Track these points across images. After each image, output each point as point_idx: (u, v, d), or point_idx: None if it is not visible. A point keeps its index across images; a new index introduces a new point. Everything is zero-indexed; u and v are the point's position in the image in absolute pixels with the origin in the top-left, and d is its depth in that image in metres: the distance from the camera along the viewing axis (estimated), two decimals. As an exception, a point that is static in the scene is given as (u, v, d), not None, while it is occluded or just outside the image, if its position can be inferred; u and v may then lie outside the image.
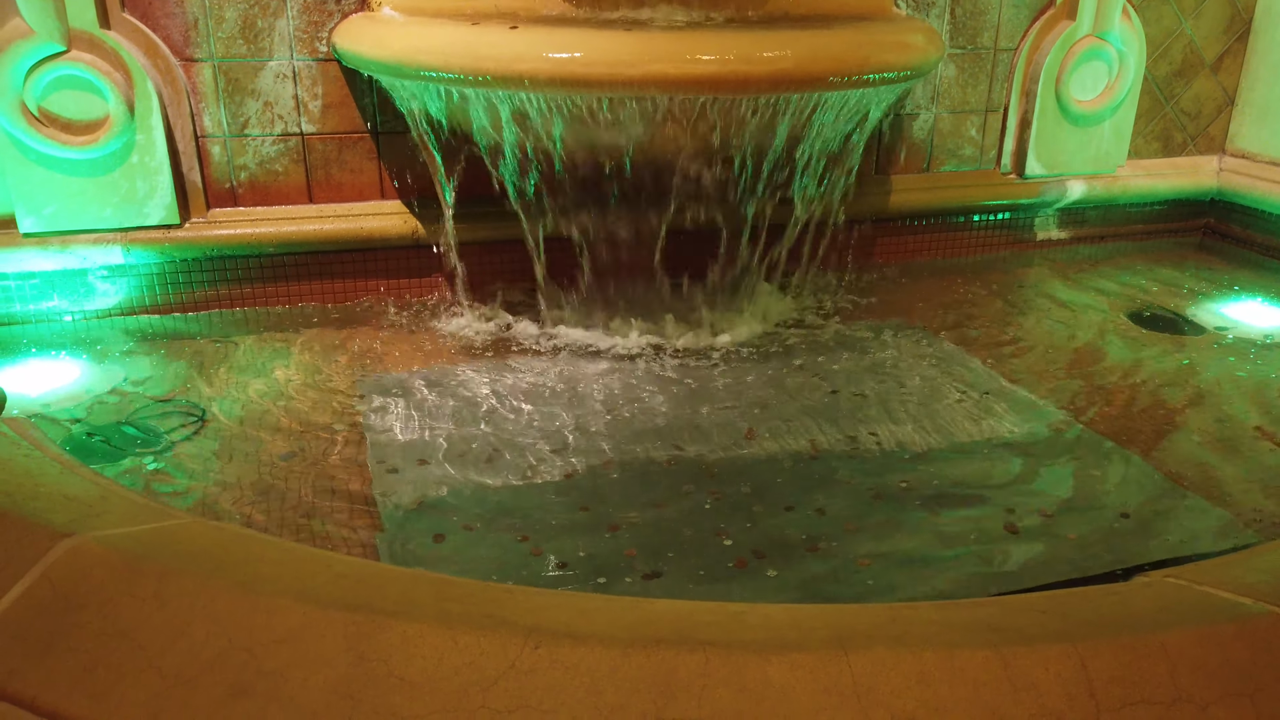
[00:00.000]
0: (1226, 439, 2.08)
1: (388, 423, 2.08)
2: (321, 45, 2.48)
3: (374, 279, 2.68)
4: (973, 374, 2.38)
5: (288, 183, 2.57)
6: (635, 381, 2.30)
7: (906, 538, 1.73)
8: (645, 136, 2.26)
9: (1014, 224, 3.20)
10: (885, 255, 3.10)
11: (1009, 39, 3.00)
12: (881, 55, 2.25)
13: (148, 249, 2.45)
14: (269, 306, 2.61)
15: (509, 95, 2.13)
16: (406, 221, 2.63)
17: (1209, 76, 3.28)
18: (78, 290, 2.46)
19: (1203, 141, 3.37)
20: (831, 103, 2.29)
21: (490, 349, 2.46)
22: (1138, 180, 3.25)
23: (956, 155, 3.09)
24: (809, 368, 2.40)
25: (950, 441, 2.06)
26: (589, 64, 2.05)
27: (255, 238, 2.53)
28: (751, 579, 1.60)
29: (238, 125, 2.49)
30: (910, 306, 2.80)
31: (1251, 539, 1.72)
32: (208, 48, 2.41)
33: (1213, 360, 2.46)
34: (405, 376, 2.29)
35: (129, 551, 1.05)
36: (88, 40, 2.28)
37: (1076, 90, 3.04)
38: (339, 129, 2.57)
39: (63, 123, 2.31)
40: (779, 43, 2.14)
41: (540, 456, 1.97)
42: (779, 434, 2.08)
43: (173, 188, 2.43)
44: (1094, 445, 2.05)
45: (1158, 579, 1.17)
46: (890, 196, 3.02)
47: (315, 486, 1.85)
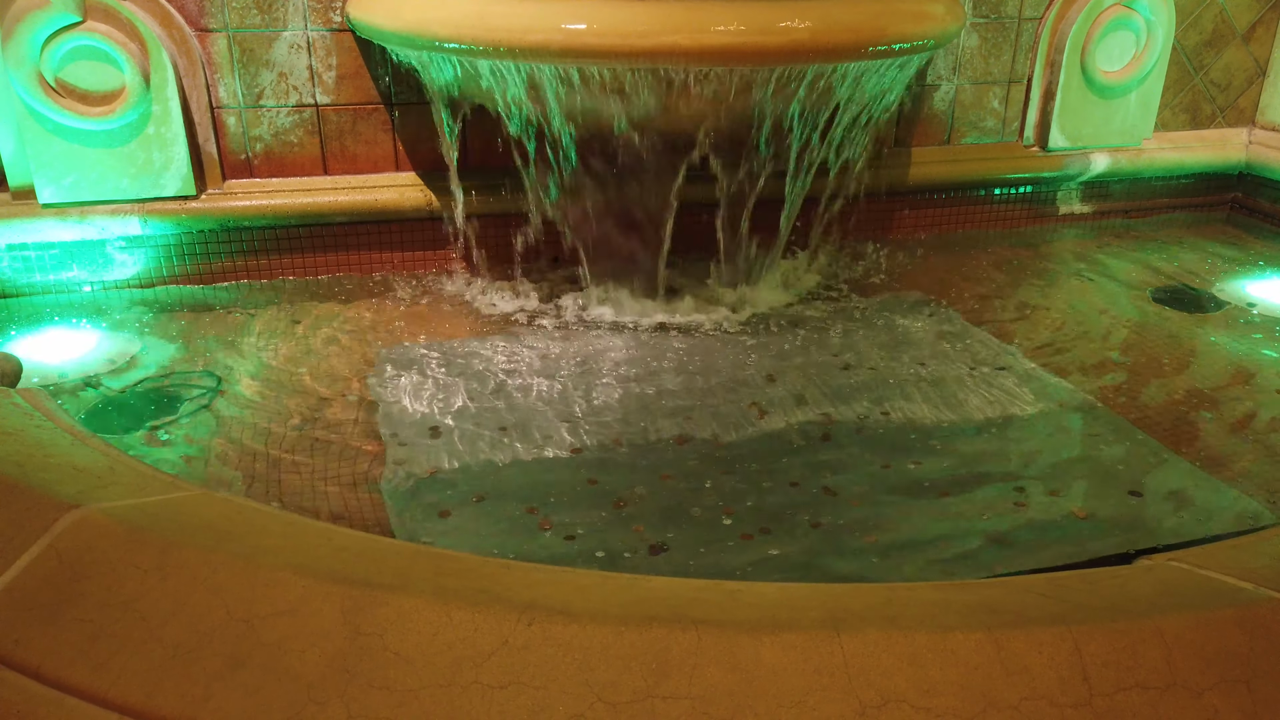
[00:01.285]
0: (1247, 419, 2.05)
1: (400, 394, 2.09)
2: (336, 15, 2.47)
3: (389, 251, 2.69)
4: (988, 349, 2.35)
5: (302, 154, 2.57)
6: (647, 356, 2.30)
7: (914, 515, 1.72)
8: (659, 108, 2.23)
9: (1036, 197, 3.15)
10: (904, 229, 3.07)
11: (1034, 8, 2.94)
12: (900, 25, 2.21)
13: (164, 220, 2.47)
14: (284, 278, 2.63)
15: (522, 66, 2.12)
16: (421, 193, 2.63)
17: (1240, 46, 3.20)
18: (96, 261, 2.49)
19: (1232, 114, 3.29)
20: (849, 73, 2.25)
21: (503, 322, 2.47)
22: (1164, 153, 3.18)
23: (978, 127, 3.04)
24: (822, 343, 2.38)
25: (962, 418, 2.05)
26: (601, 35, 2.03)
27: (270, 209, 2.54)
28: (755, 555, 1.61)
29: (253, 96, 2.49)
30: (928, 280, 2.78)
31: (1268, 519, 1.70)
32: (222, 18, 2.41)
33: (1237, 338, 2.42)
34: (418, 348, 2.30)
35: (134, 523, 1.07)
36: (103, 10, 2.28)
37: (1102, 61, 2.98)
38: (353, 100, 2.56)
39: (79, 93, 2.32)
40: (795, 13, 2.10)
41: (550, 430, 1.98)
42: (789, 410, 2.07)
43: (189, 159, 2.44)
44: (1109, 423, 2.03)
45: (1160, 562, 1.16)
46: (910, 169, 2.98)
47: (327, 457, 1.87)
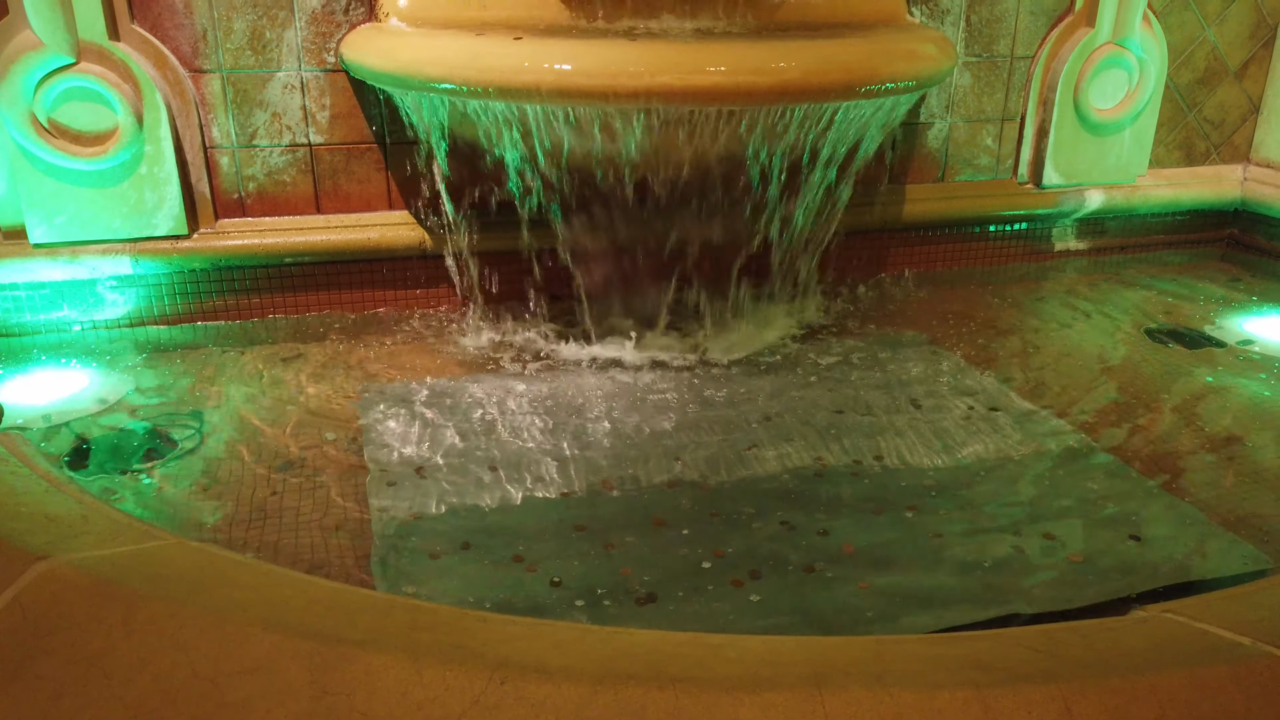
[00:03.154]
0: (1245, 460, 2.02)
1: (388, 435, 2.07)
2: (329, 56, 2.48)
3: (380, 289, 2.68)
4: (983, 389, 2.33)
5: (295, 193, 2.57)
6: (639, 395, 2.28)
7: (908, 560, 1.69)
8: (651, 147, 2.23)
9: (1031, 234, 3.15)
10: (899, 266, 3.06)
11: (1026, 47, 2.95)
12: (892, 65, 2.21)
13: (156, 259, 2.46)
14: (275, 317, 2.62)
15: (513, 106, 2.12)
16: (414, 232, 2.63)
17: (1233, 84, 3.21)
18: (86, 300, 2.48)
19: (1226, 150, 3.30)
20: (841, 113, 2.26)
21: (494, 361, 2.45)
22: (1159, 190, 3.18)
23: (972, 164, 3.04)
24: (816, 381, 2.36)
25: (957, 460, 2.02)
26: (592, 75, 2.03)
27: (262, 248, 2.53)
28: (745, 601, 1.57)
29: (246, 136, 2.50)
30: (922, 318, 2.76)
31: (1266, 565, 1.67)
32: (216, 59, 2.42)
33: (1235, 377, 2.40)
34: (408, 388, 2.28)
35: (102, 576, 1.05)
36: (97, 52, 2.29)
37: (1095, 98, 2.98)
38: (347, 139, 2.57)
39: (72, 134, 2.33)
40: (786, 53, 2.11)
41: (539, 471, 1.95)
42: (782, 450, 2.05)
43: (181, 198, 2.44)
44: (1105, 464, 2.00)
45: (1155, 614, 1.13)
46: (904, 206, 2.98)
47: (313, 500, 1.84)
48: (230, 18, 2.38)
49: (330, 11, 2.44)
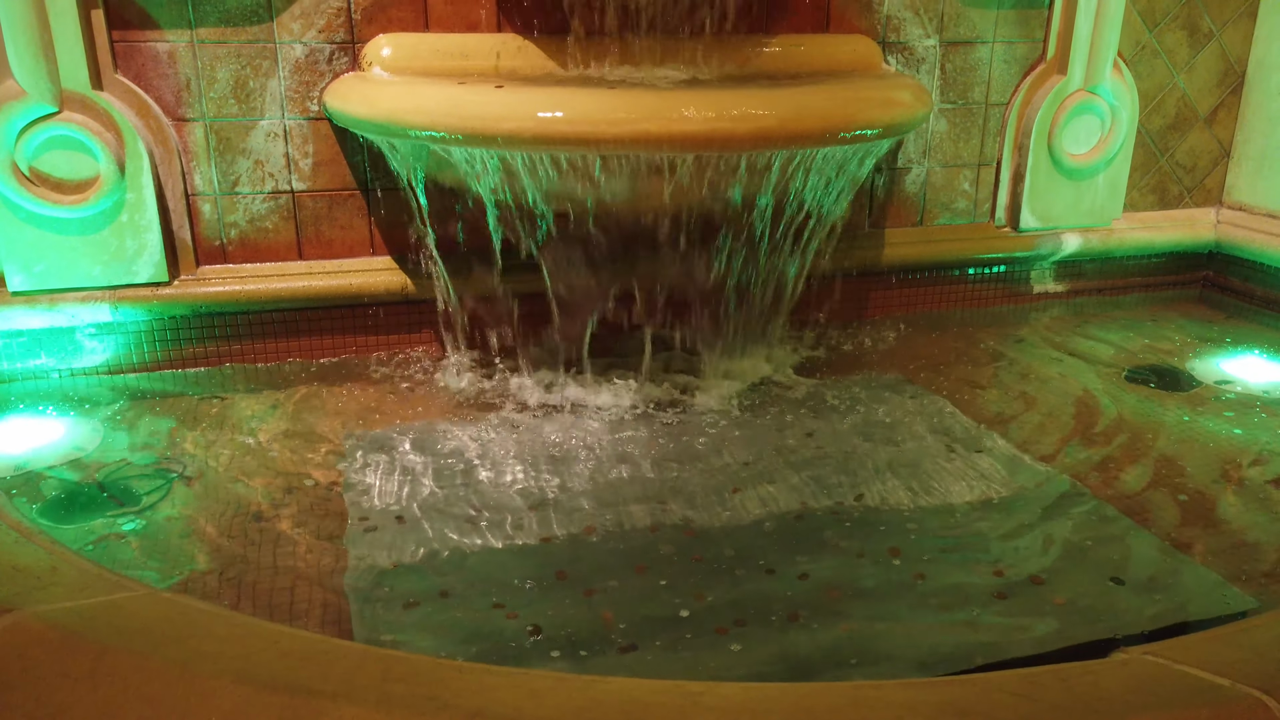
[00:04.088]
0: (1226, 500, 2.03)
1: (368, 481, 2.06)
2: (313, 104, 2.50)
3: (362, 334, 2.68)
4: (965, 431, 2.34)
5: (278, 239, 2.58)
6: (620, 439, 2.27)
7: (891, 604, 1.68)
8: (632, 193, 2.26)
9: (1010, 277, 3.18)
10: (879, 309, 3.08)
11: (1000, 94, 3.01)
12: (867, 112, 2.24)
13: (136, 306, 2.45)
14: (256, 363, 2.61)
15: (495, 153, 2.14)
16: (396, 277, 2.63)
17: (1203, 129, 3.27)
18: (65, 348, 2.46)
19: (1199, 194, 3.35)
20: (818, 159, 2.29)
21: (476, 406, 2.44)
22: (1134, 233, 3.23)
23: (950, 209, 3.08)
24: (798, 424, 2.36)
25: (940, 502, 2.02)
26: (573, 122, 2.05)
27: (244, 294, 2.53)
28: (728, 648, 1.56)
29: (228, 183, 2.51)
30: (903, 361, 2.78)
31: (1248, 605, 1.67)
32: (199, 107, 2.43)
33: (1213, 417, 2.42)
34: (389, 433, 2.27)
35: (69, 628, 1.03)
36: (80, 101, 2.30)
37: (1069, 144, 3.04)
38: (330, 186, 2.58)
39: (53, 182, 2.33)
40: (764, 101, 2.14)
41: (520, 517, 1.94)
42: (764, 493, 2.04)
43: (162, 245, 2.44)
44: (1087, 505, 2.00)
45: (1136, 655, 1.12)
46: (883, 250, 3.01)
47: (291, 547, 1.82)
48: (214, 67, 2.41)
49: (314, 61, 2.46)
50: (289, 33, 2.42)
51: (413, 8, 2.47)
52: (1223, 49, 3.18)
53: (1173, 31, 3.11)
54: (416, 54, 2.46)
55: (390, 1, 2.46)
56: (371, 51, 2.45)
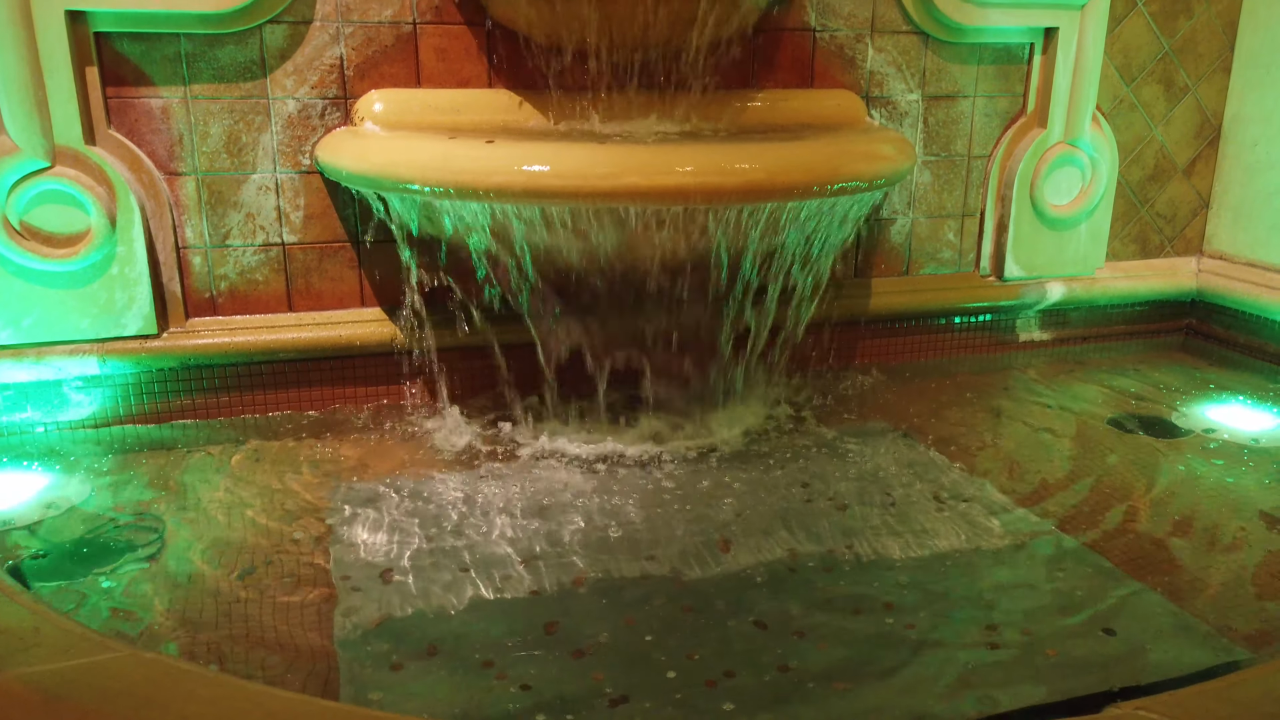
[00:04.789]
0: (1217, 550, 2.03)
1: (355, 535, 2.04)
2: (305, 158, 2.52)
3: (352, 386, 2.68)
4: (954, 480, 2.34)
5: (268, 291, 2.58)
6: (609, 490, 2.27)
7: (884, 656, 1.67)
8: (621, 244, 2.28)
9: (995, 326, 3.21)
10: (866, 357, 3.10)
11: (982, 146, 3.06)
12: (852, 165, 2.28)
13: (124, 359, 2.45)
14: (245, 415, 2.60)
15: (486, 206, 2.16)
16: (385, 328, 2.64)
17: (1182, 180, 3.33)
18: (51, 401, 2.45)
19: (1180, 243, 3.40)
20: (805, 210, 2.32)
21: (465, 457, 2.43)
22: (1117, 282, 3.27)
23: (935, 258, 3.12)
24: (788, 474, 2.36)
25: (931, 552, 2.02)
26: (562, 176, 2.08)
27: (233, 346, 2.53)
28: (720, 703, 1.54)
29: (219, 236, 2.52)
30: (891, 409, 2.79)
31: (1240, 657, 1.66)
32: (192, 162, 2.45)
33: (1200, 465, 2.43)
34: (377, 486, 2.26)
35: (52, 691, 1.01)
36: (72, 156, 2.32)
37: (1051, 195, 3.09)
38: (320, 238, 2.60)
39: (44, 236, 2.34)
40: (750, 154, 2.18)
41: (509, 571, 1.92)
42: (755, 544, 2.03)
43: (151, 298, 2.44)
44: (1078, 555, 2.00)
45: (1129, 711, 1.12)
46: (870, 299, 3.03)
47: (277, 605, 1.80)
48: (207, 122, 2.43)
49: (306, 116, 2.49)
50: (282, 88, 2.45)
51: (405, 64, 2.51)
52: (1199, 102, 3.25)
53: (1149, 86, 3.18)
54: (408, 109, 2.49)
55: (383, 58, 2.50)
56: (364, 106, 2.48)
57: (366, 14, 2.46)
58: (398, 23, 2.49)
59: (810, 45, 2.80)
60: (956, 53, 2.94)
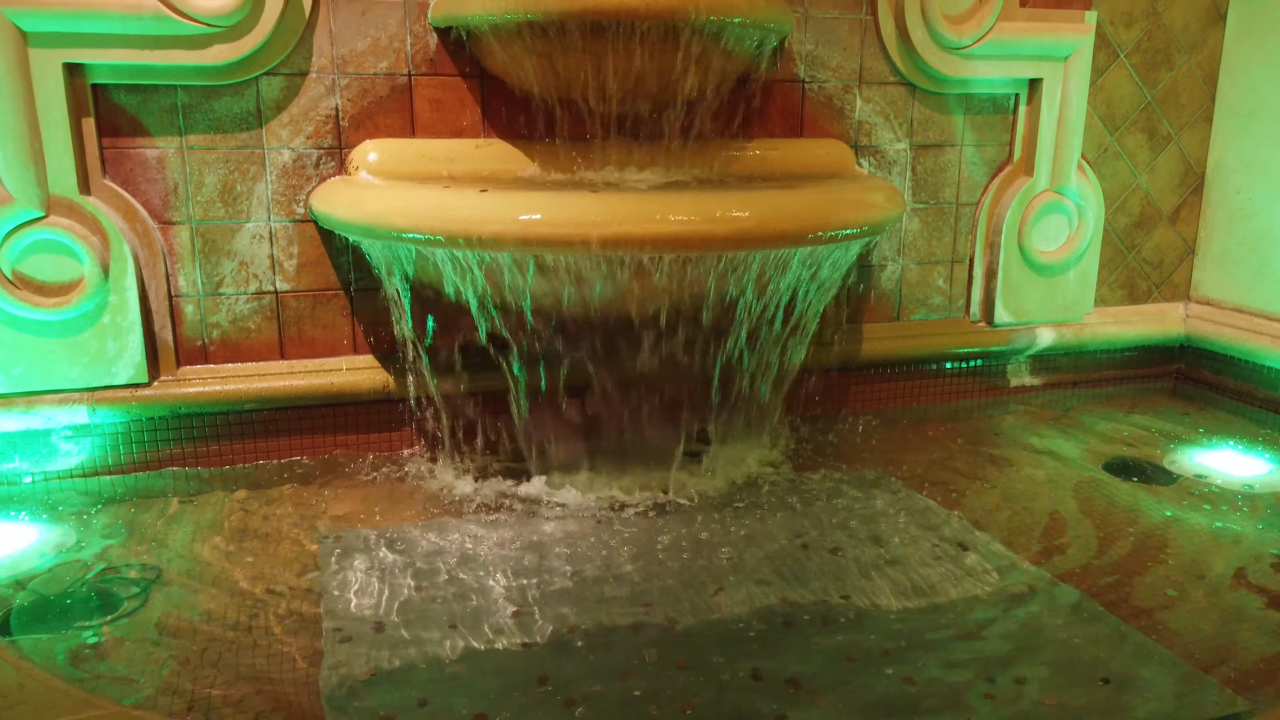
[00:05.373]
0: (1214, 597, 2.02)
1: (346, 586, 2.02)
2: (299, 207, 2.54)
3: (343, 434, 2.66)
4: (948, 527, 2.33)
5: (260, 339, 2.58)
6: (604, 539, 2.25)
7: (880, 707, 1.65)
8: (614, 292, 2.29)
9: (986, 371, 3.22)
10: (858, 403, 3.10)
11: (970, 194, 3.10)
12: (842, 213, 2.30)
13: (114, 408, 2.43)
14: (235, 464, 2.58)
15: (480, 254, 2.17)
16: (377, 375, 2.64)
17: (1168, 227, 3.37)
18: (40, 451, 2.43)
19: (1167, 289, 3.44)
20: (795, 257, 2.33)
21: (457, 506, 2.42)
22: (1106, 327, 3.29)
23: (925, 304, 3.14)
24: (781, 521, 2.35)
25: (926, 600, 2.00)
26: (556, 224, 2.09)
27: (224, 394, 2.52)
28: (715, 758, 1.52)
29: (212, 285, 2.52)
30: (884, 455, 2.78)
31: (1240, 708, 1.64)
32: (186, 211, 2.47)
33: (1193, 512, 2.43)
34: (368, 535, 2.24)
35: (34, 751, 0.99)
36: (67, 206, 2.33)
37: (1039, 241, 3.12)
38: (313, 286, 2.60)
39: (36, 285, 2.34)
40: (741, 202, 2.19)
41: (501, 621, 1.90)
42: (749, 594, 2.01)
43: (143, 346, 2.44)
44: (1073, 603, 1.99)
45: (1131, 765, 1.10)
46: (861, 345, 3.05)
47: (267, 657, 1.77)
48: (202, 172, 2.45)
49: (301, 166, 2.51)
50: (277, 139, 2.48)
51: (400, 115, 2.54)
52: (1182, 151, 3.31)
53: (1133, 135, 3.23)
54: (403, 158, 2.51)
55: (378, 109, 2.53)
56: (358, 156, 2.51)
57: (362, 66, 2.50)
58: (393, 74, 2.52)
59: (799, 96, 2.85)
60: (943, 103, 2.99)
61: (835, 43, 2.84)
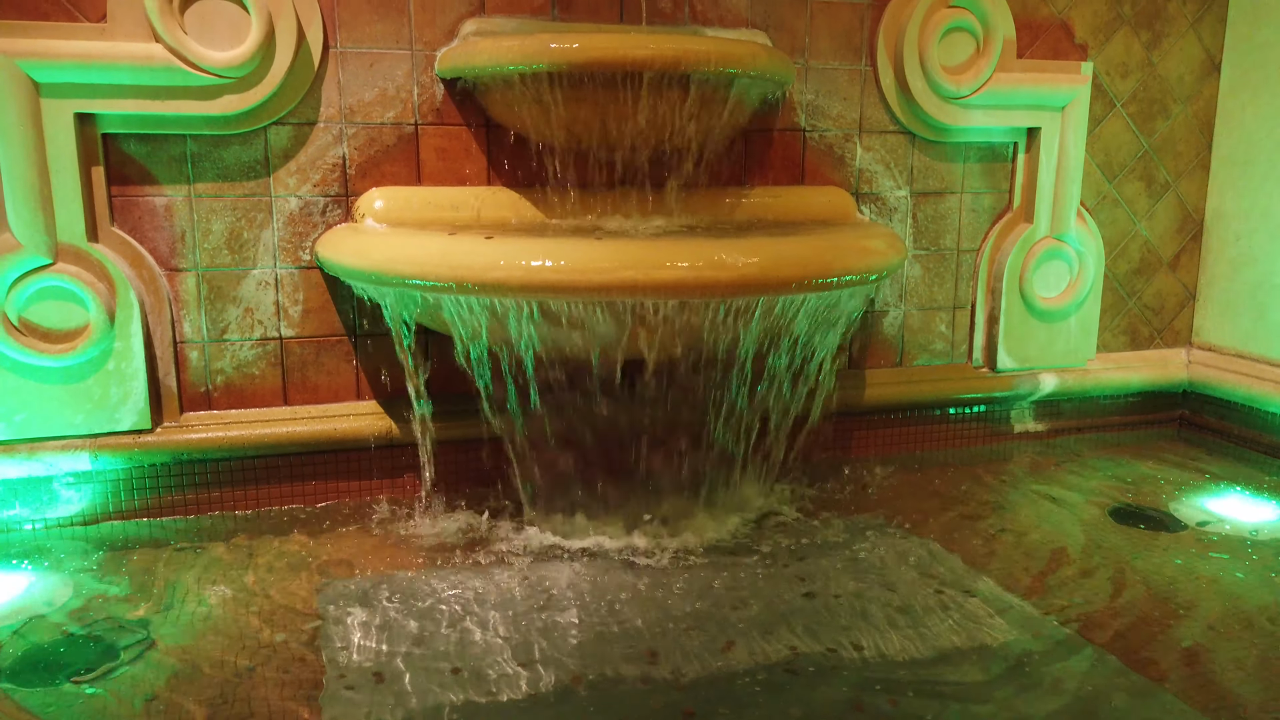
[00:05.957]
0: (1227, 647, 2.00)
1: (347, 636, 1.99)
2: (305, 255, 2.56)
3: (345, 480, 2.65)
4: (955, 575, 2.31)
5: (263, 385, 2.58)
6: (608, 586, 2.23)
7: (890, 762, 1.62)
8: (618, 337, 2.29)
9: (990, 416, 3.22)
10: (862, 449, 3.10)
11: (970, 241, 3.12)
12: (844, 260, 2.31)
13: (116, 455, 2.43)
14: (237, 510, 2.57)
15: (484, 300, 2.18)
16: (381, 421, 2.63)
17: (1168, 274, 3.39)
18: (41, 498, 2.42)
19: (1169, 335, 3.45)
20: (798, 304, 2.34)
21: (461, 553, 2.40)
22: (1109, 373, 3.29)
23: (928, 350, 3.15)
24: (787, 569, 2.33)
25: (934, 650, 1.98)
26: (560, 271, 2.10)
27: (226, 440, 2.51)
28: (724, 813, 1.49)
29: (217, 331, 2.53)
30: (889, 501, 2.77)
31: (1257, 759, 1.62)
32: (193, 258, 2.48)
33: (1201, 559, 2.41)
34: (370, 584, 2.22)
35: (32, 807, 0.97)
36: (74, 253, 2.34)
37: (1040, 288, 3.14)
38: (318, 333, 2.61)
39: (42, 332, 2.34)
40: (745, 249, 2.20)
41: (505, 672, 1.87)
42: (755, 643, 1.99)
43: (147, 393, 2.43)
44: (1085, 653, 1.96)
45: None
46: (865, 390, 3.05)
47: (266, 709, 1.74)
48: (210, 220, 2.47)
49: (308, 213, 2.53)
50: (285, 187, 2.50)
51: (406, 163, 2.57)
52: (1180, 199, 3.34)
53: (1131, 182, 3.26)
54: (408, 206, 2.54)
55: (385, 157, 2.56)
56: (365, 204, 2.53)
57: (370, 115, 2.53)
58: (400, 123, 2.56)
59: (801, 144, 2.88)
60: (942, 151, 3.02)
61: (835, 93, 2.88)
